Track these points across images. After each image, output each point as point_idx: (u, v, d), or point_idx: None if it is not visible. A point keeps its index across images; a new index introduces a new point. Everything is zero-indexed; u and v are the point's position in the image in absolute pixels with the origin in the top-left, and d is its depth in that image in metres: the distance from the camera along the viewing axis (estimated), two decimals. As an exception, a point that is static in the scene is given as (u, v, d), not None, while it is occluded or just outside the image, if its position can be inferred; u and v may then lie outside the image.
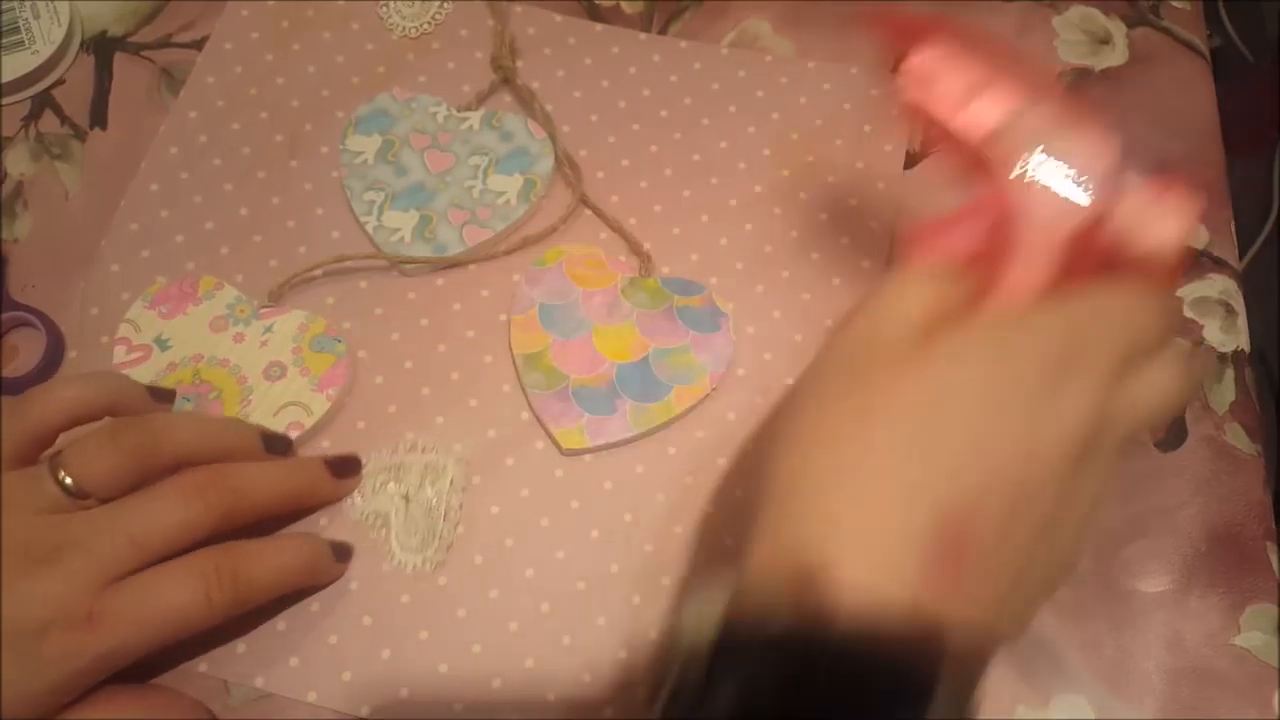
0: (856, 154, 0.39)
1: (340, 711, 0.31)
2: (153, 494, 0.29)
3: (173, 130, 0.40)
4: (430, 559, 0.33)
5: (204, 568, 0.28)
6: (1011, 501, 0.22)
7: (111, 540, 0.28)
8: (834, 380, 0.24)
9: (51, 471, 0.28)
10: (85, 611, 0.27)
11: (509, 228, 0.38)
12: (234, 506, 0.29)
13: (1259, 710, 0.31)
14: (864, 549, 0.21)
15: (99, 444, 0.29)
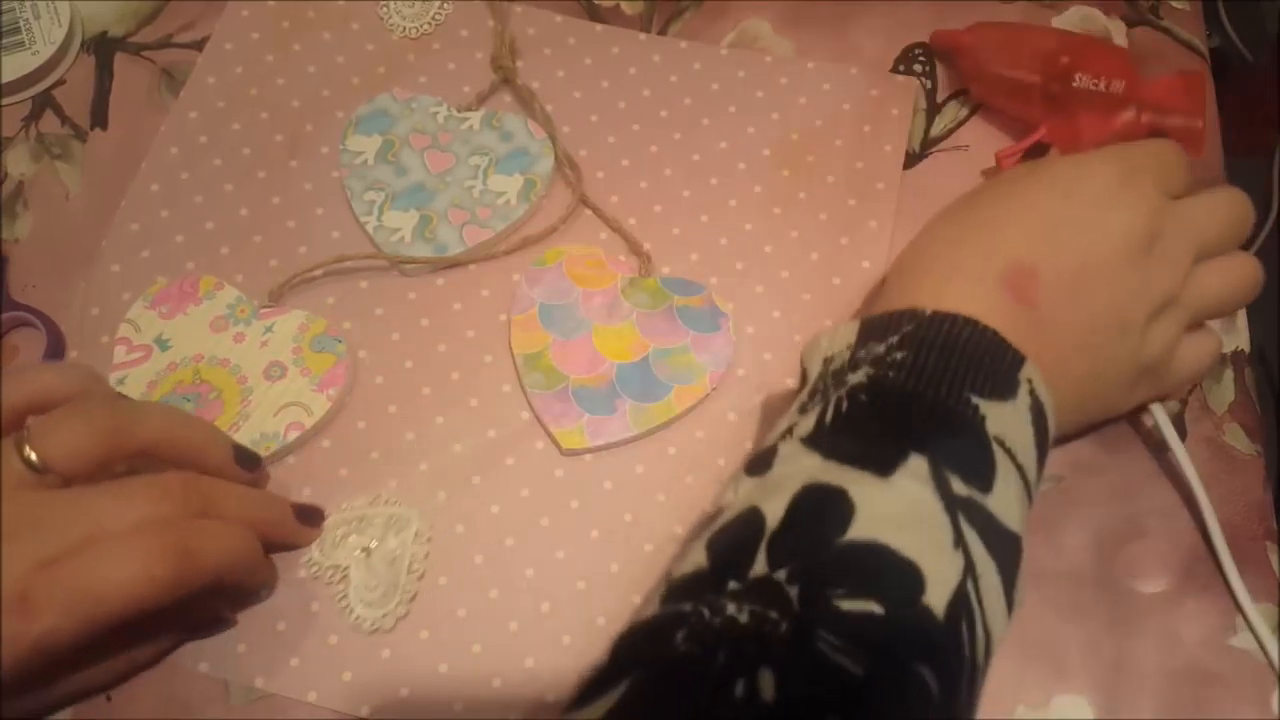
0: (856, 154, 0.39)
1: (340, 711, 0.31)
2: (120, 487, 0.28)
3: (173, 130, 0.40)
4: (392, 613, 0.32)
5: (146, 544, 0.27)
6: (1075, 269, 0.28)
7: (65, 526, 0.27)
8: (946, 207, 0.32)
9: (16, 445, 0.27)
10: (18, 594, 0.25)
11: (509, 228, 0.38)
12: (198, 513, 0.29)
13: (1257, 710, 0.31)
14: (951, 285, 0.28)
15: (68, 420, 0.28)
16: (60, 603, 0.26)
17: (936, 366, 0.26)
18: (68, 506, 0.27)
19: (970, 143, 0.40)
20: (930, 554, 0.24)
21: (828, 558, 0.23)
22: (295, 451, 0.34)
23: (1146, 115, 0.37)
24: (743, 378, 0.35)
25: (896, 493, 0.24)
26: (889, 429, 0.26)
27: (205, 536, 0.28)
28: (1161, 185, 0.30)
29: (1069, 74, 0.37)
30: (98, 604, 0.26)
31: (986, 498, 0.25)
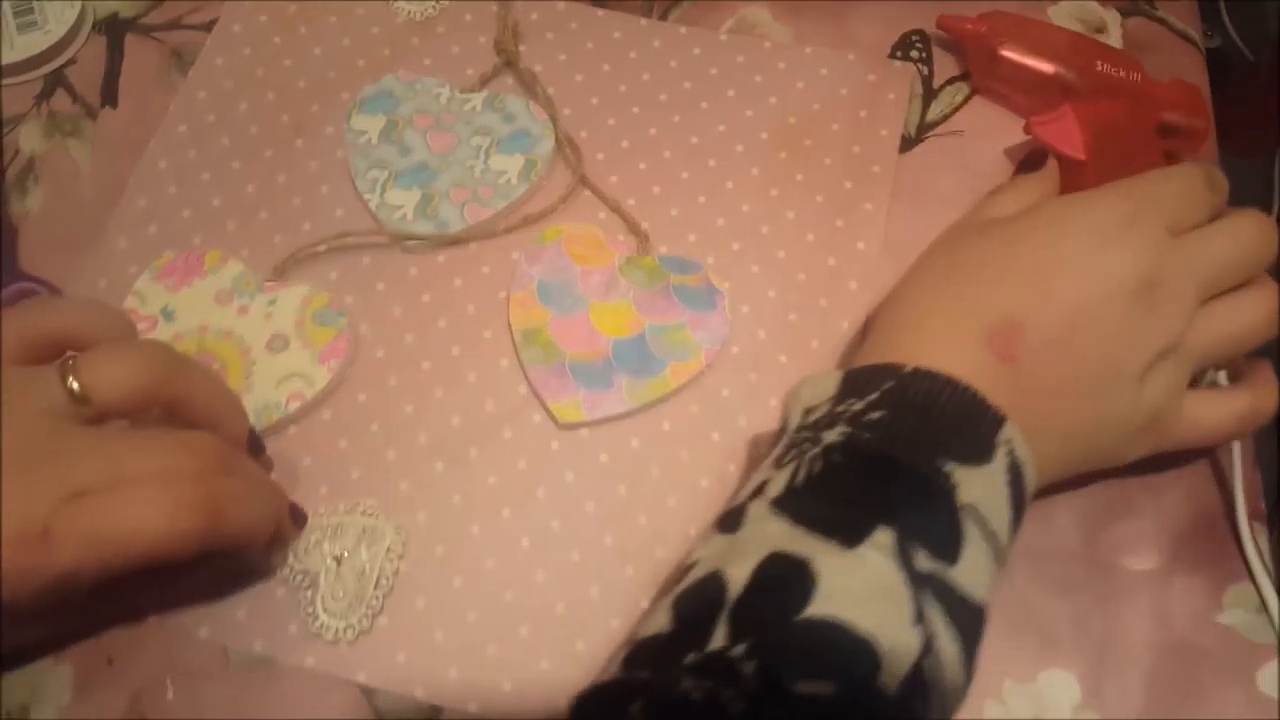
0: (852, 138, 0.39)
1: (339, 676, 0.31)
2: (152, 435, 0.28)
3: (181, 109, 0.41)
4: (355, 626, 0.32)
5: (176, 493, 0.26)
6: (1065, 318, 0.28)
7: (94, 462, 0.26)
8: (934, 249, 0.32)
9: (60, 373, 0.27)
10: (40, 527, 0.25)
11: (509, 206, 0.38)
12: (226, 475, 0.28)
13: (1242, 687, 0.31)
14: (934, 339, 0.28)
15: (119, 356, 0.28)
16: (82, 542, 0.25)
17: (913, 430, 0.26)
18: (99, 444, 0.27)
19: (965, 128, 0.40)
20: (889, 631, 0.24)
21: (786, 635, 0.23)
22: (296, 422, 0.35)
23: (1162, 110, 0.37)
24: (737, 355, 0.36)
25: (860, 566, 0.24)
26: (858, 497, 0.26)
27: (234, 497, 0.28)
28: (1170, 221, 0.29)
29: (1091, 61, 0.38)
30: (120, 548, 0.26)
31: (952, 570, 0.25)
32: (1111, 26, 0.42)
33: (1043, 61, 0.38)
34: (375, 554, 0.33)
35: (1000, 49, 0.38)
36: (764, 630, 0.24)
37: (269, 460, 0.34)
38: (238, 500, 0.28)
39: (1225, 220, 0.30)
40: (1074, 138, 0.36)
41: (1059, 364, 0.28)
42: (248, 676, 0.32)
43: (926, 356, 0.28)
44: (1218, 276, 0.29)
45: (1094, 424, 0.29)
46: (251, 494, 0.29)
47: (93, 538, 0.26)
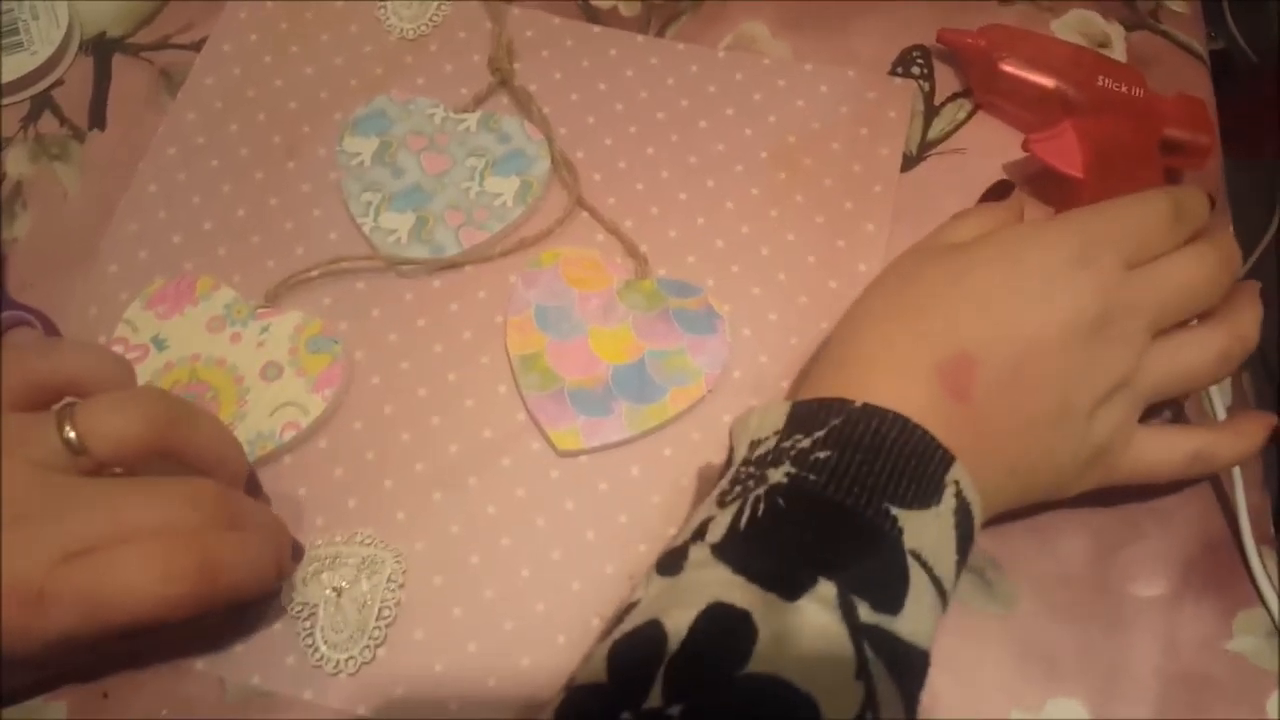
0: (853, 157, 0.39)
1: (336, 709, 0.31)
2: (152, 486, 0.28)
3: (171, 131, 0.40)
4: (356, 658, 0.31)
5: (169, 555, 0.26)
6: (1016, 355, 0.27)
7: (90, 518, 0.26)
8: (887, 274, 0.31)
9: (57, 422, 0.26)
10: (36, 589, 0.25)
11: (505, 229, 0.38)
12: (226, 528, 0.28)
13: (1253, 713, 0.31)
14: (884, 375, 0.28)
15: (117, 405, 0.27)
16: (76, 605, 0.25)
17: (859, 472, 0.26)
18: (96, 497, 0.26)
19: (968, 146, 0.40)
20: (830, 686, 0.23)
21: (725, 694, 0.23)
22: (291, 451, 0.34)
23: (1165, 126, 0.37)
24: (739, 380, 0.35)
25: (802, 619, 0.24)
26: (800, 547, 0.25)
27: (229, 552, 0.28)
28: (1127, 253, 0.28)
29: (1092, 75, 0.37)
30: (114, 611, 0.26)
31: (896, 620, 0.25)
32: (1115, 40, 0.42)
33: (1044, 76, 0.38)
34: (376, 584, 0.32)
35: (1000, 64, 0.38)
36: (702, 689, 0.23)
37: (266, 498, 0.33)
38: (236, 558, 0.28)
39: (1185, 252, 0.30)
40: (1073, 156, 0.36)
41: (1008, 400, 0.27)
42: (245, 709, 0.31)
43: (876, 391, 0.27)
44: (1174, 311, 0.29)
45: (1041, 459, 0.29)
46: (251, 548, 0.29)
47: (87, 601, 0.25)
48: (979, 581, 0.33)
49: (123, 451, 0.27)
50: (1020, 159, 0.39)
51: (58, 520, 0.26)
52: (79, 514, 0.26)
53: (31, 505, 0.26)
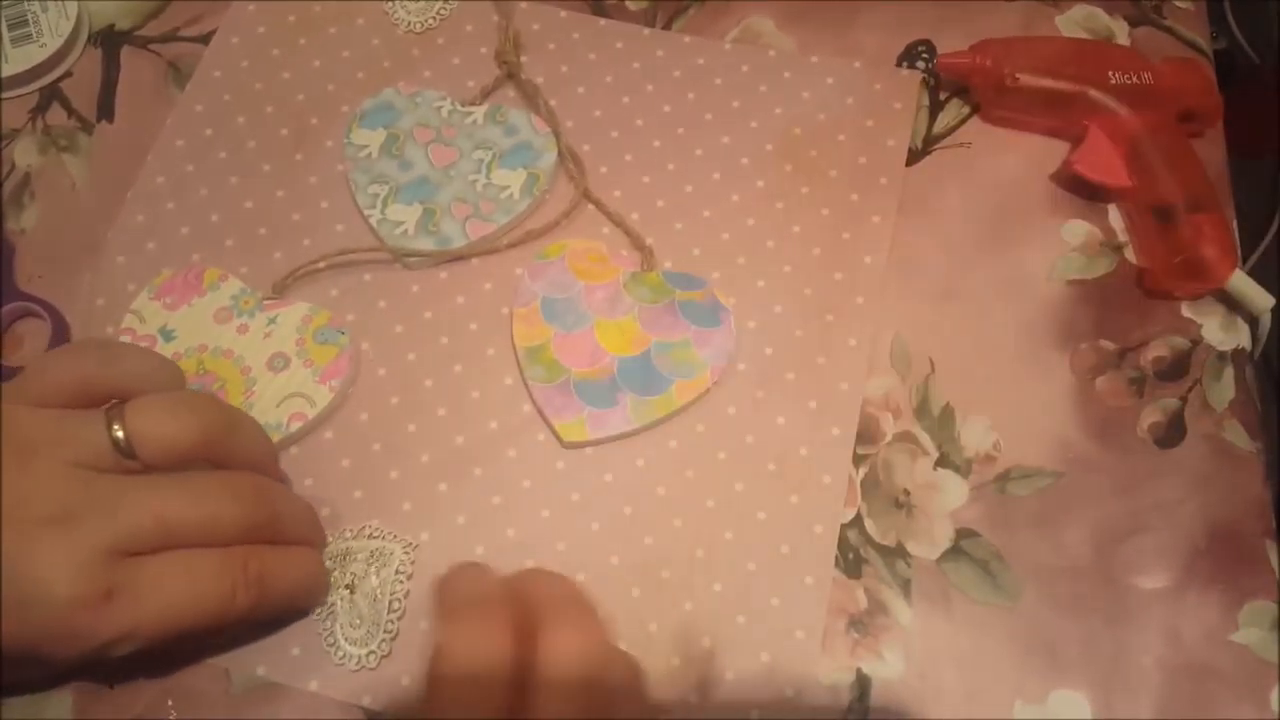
0: (859, 149, 0.39)
1: (342, 700, 0.31)
2: (195, 482, 0.27)
3: (179, 123, 0.40)
4: (375, 651, 0.31)
5: (234, 562, 0.27)
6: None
7: (137, 512, 0.26)
8: None
9: (106, 420, 0.26)
10: (104, 587, 0.25)
11: (512, 222, 0.38)
12: (269, 527, 0.28)
13: (1256, 707, 0.31)
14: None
15: (169, 407, 0.27)
16: (146, 603, 0.26)
17: None
18: (140, 493, 0.26)
19: (973, 139, 0.40)
20: None
21: None
22: (298, 442, 0.35)
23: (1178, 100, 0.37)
24: (744, 372, 0.36)
25: None
26: None
27: (284, 568, 0.29)
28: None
29: (1102, 72, 0.37)
30: (180, 614, 0.26)
31: None
32: (1119, 35, 0.42)
33: (1058, 82, 0.38)
34: (385, 578, 0.32)
35: (1009, 79, 0.38)
36: None
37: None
38: (284, 565, 0.29)
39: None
40: (1115, 167, 0.36)
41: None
42: (250, 700, 0.31)
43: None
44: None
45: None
46: (304, 560, 0.30)
47: (152, 610, 0.26)
48: (983, 574, 0.33)
49: (171, 456, 0.27)
50: (1028, 154, 0.39)
51: (104, 515, 0.26)
52: (126, 509, 0.26)
53: (76, 504, 0.25)
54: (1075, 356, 0.36)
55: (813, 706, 0.31)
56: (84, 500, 0.26)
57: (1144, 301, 0.37)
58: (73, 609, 0.25)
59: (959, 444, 0.35)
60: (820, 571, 0.33)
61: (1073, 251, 0.38)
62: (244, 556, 0.28)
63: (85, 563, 0.25)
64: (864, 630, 0.32)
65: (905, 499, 0.34)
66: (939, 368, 0.36)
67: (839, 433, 0.34)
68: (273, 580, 0.28)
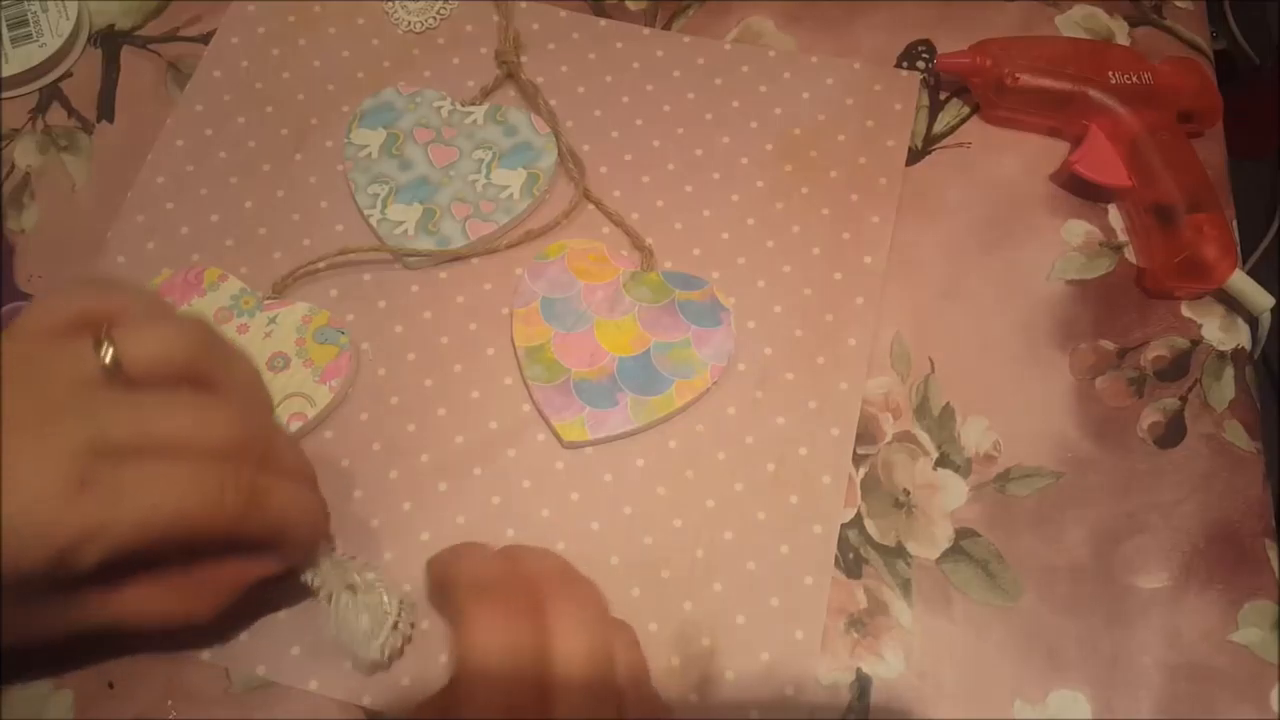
0: (859, 149, 0.39)
1: (342, 699, 0.31)
2: (184, 396, 0.26)
3: (179, 123, 0.40)
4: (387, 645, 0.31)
5: (223, 467, 0.25)
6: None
7: (120, 415, 0.25)
8: None
9: (95, 340, 0.26)
10: (76, 477, 0.23)
11: (512, 222, 0.38)
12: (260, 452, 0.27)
13: (1256, 706, 0.31)
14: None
15: (158, 326, 0.26)
16: (116, 509, 0.24)
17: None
18: (127, 398, 0.25)
19: (973, 139, 0.40)
20: None
21: None
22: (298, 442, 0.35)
23: (1179, 101, 0.38)
24: (743, 372, 0.36)
25: None
26: None
27: (277, 483, 0.27)
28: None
29: (1102, 72, 0.37)
30: (156, 519, 0.25)
31: None
32: (1119, 36, 0.42)
33: (1058, 82, 0.38)
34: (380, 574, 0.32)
35: (1008, 79, 0.38)
36: None
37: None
38: (278, 481, 0.27)
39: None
40: (1116, 167, 0.37)
41: None
42: (250, 700, 0.31)
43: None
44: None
45: None
46: (300, 487, 0.29)
47: (140, 494, 0.24)
48: (982, 574, 0.33)
49: (157, 371, 0.26)
50: (1028, 154, 0.39)
51: (88, 415, 0.25)
52: (110, 409, 0.25)
53: (61, 407, 0.24)
54: (1075, 356, 0.36)
55: (812, 706, 0.31)
56: (65, 404, 0.25)
57: (1144, 301, 0.37)
58: (40, 497, 0.23)
59: (959, 444, 0.35)
60: (820, 571, 0.33)
61: (1072, 251, 0.38)
62: (235, 464, 0.26)
63: (57, 453, 0.24)
64: (864, 630, 0.32)
65: (905, 499, 0.34)
66: (939, 368, 0.36)
67: (839, 433, 0.34)
68: (265, 494, 0.27)
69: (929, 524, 0.34)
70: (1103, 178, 0.37)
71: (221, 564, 0.29)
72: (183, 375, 0.27)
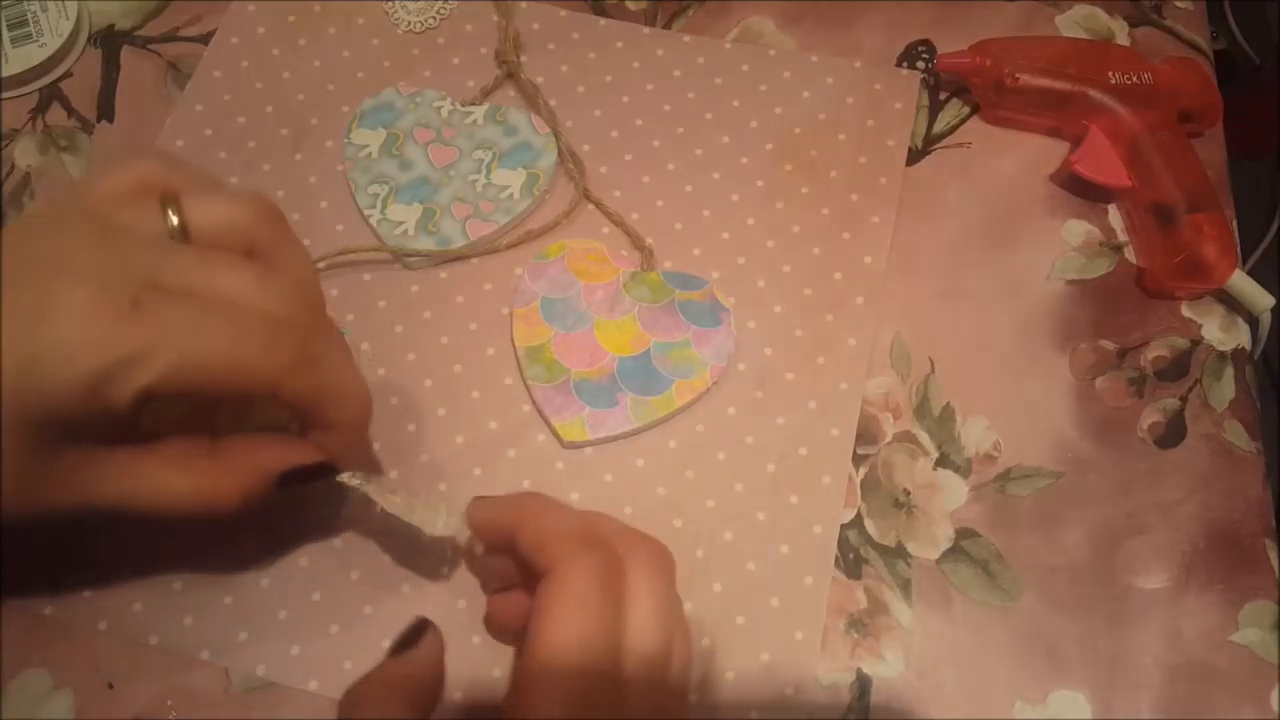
0: (859, 149, 0.39)
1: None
2: (248, 263, 0.26)
3: (179, 123, 0.40)
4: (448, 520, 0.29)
5: (285, 323, 0.25)
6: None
7: (179, 263, 0.24)
8: None
9: (161, 204, 0.25)
10: (130, 296, 0.23)
11: (512, 222, 0.38)
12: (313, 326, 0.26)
13: (1256, 707, 0.31)
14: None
15: (225, 194, 0.26)
16: (166, 335, 0.23)
17: None
18: (192, 254, 0.25)
19: (973, 139, 0.40)
20: None
21: None
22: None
23: (1179, 101, 0.38)
24: (743, 372, 0.36)
25: None
26: None
27: (330, 357, 0.26)
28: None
29: (1102, 71, 0.37)
30: (208, 358, 0.24)
31: None
32: (1119, 36, 0.42)
33: (1058, 82, 0.38)
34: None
35: (1009, 79, 0.38)
36: None
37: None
38: (338, 358, 0.27)
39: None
40: (1115, 166, 0.37)
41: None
42: (250, 700, 0.31)
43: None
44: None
45: None
46: (351, 364, 0.27)
47: (193, 324, 0.23)
48: (982, 574, 0.33)
49: (221, 239, 0.25)
50: (1028, 154, 0.39)
51: (151, 255, 0.24)
52: (173, 257, 0.24)
53: (125, 246, 0.24)
54: (1075, 356, 0.36)
55: (812, 706, 0.31)
56: (129, 244, 0.24)
57: (1144, 301, 0.37)
58: (91, 311, 0.22)
59: (959, 444, 0.35)
60: (820, 572, 0.33)
61: (1072, 251, 0.38)
62: (291, 319, 0.25)
63: (115, 276, 0.23)
64: (864, 630, 0.32)
65: (905, 499, 0.34)
66: (939, 368, 0.36)
67: (839, 433, 0.34)
68: (315, 358, 0.26)
69: (929, 524, 0.34)
70: (1103, 178, 0.37)
71: (255, 445, 0.28)
72: (246, 247, 0.26)
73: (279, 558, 0.33)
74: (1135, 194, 0.37)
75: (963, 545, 0.33)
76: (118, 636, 0.32)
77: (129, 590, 0.33)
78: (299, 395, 0.26)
